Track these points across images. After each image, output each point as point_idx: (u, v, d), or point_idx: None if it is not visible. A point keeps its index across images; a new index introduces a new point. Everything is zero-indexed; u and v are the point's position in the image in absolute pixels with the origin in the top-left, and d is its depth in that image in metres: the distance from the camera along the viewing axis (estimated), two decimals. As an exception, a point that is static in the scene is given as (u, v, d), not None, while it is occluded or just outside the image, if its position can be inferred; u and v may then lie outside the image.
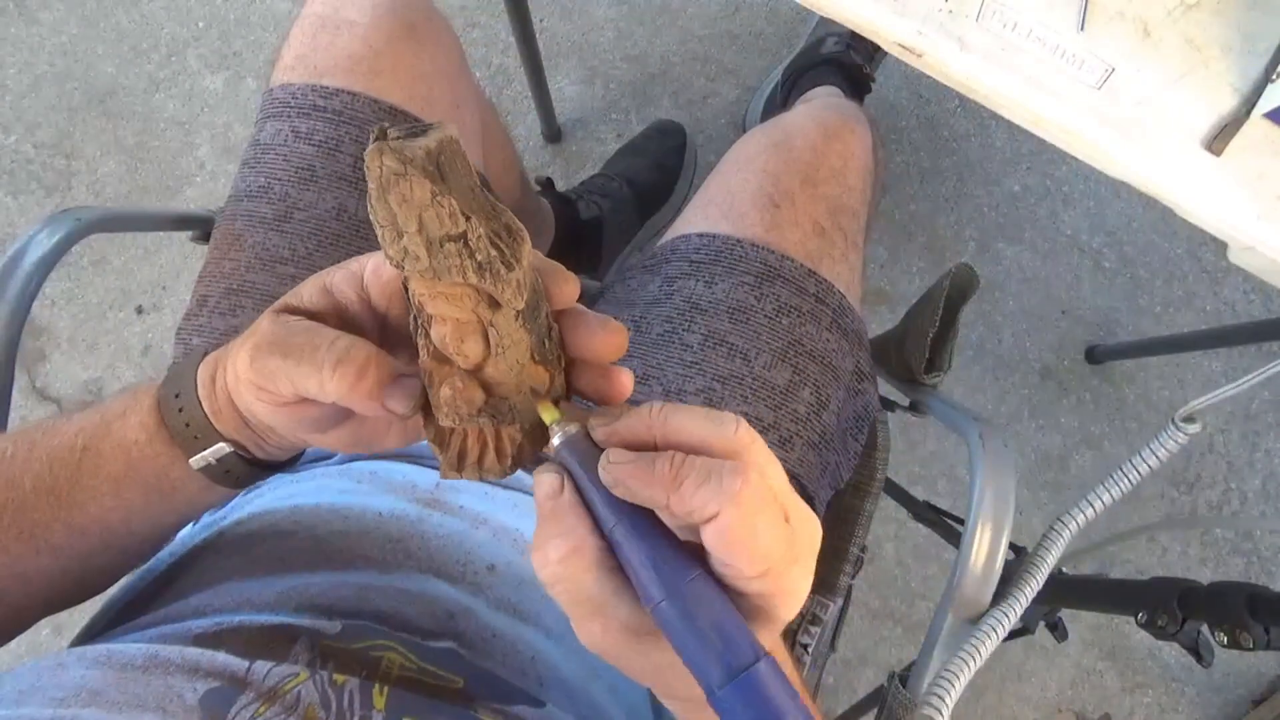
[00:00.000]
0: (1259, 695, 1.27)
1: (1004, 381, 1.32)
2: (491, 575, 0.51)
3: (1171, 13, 0.49)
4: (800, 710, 0.28)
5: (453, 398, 0.33)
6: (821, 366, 0.63)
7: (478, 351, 0.32)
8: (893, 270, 1.33)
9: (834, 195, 0.67)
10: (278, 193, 0.64)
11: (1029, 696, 1.27)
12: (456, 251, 0.29)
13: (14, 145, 1.39)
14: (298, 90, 0.65)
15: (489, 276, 0.30)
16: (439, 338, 0.32)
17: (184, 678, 0.38)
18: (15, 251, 0.63)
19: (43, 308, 1.36)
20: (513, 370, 0.33)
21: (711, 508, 0.28)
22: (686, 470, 0.29)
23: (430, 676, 0.43)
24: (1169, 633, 0.65)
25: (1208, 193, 0.49)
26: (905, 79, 1.35)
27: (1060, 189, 1.34)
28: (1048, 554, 0.54)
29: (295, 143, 0.64)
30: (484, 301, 0.31)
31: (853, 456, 0.68)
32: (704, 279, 0.64)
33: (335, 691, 0.39)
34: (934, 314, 0.67)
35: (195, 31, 1.41)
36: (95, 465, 0.41)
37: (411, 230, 0.28)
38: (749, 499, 0.28)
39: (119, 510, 0.42)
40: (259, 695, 0.37)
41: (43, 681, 0.37)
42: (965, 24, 0.50)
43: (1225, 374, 1.32)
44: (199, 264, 1.36)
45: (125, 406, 0.41)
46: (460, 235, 0.29)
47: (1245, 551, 1.30)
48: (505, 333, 0.32)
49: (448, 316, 0.32)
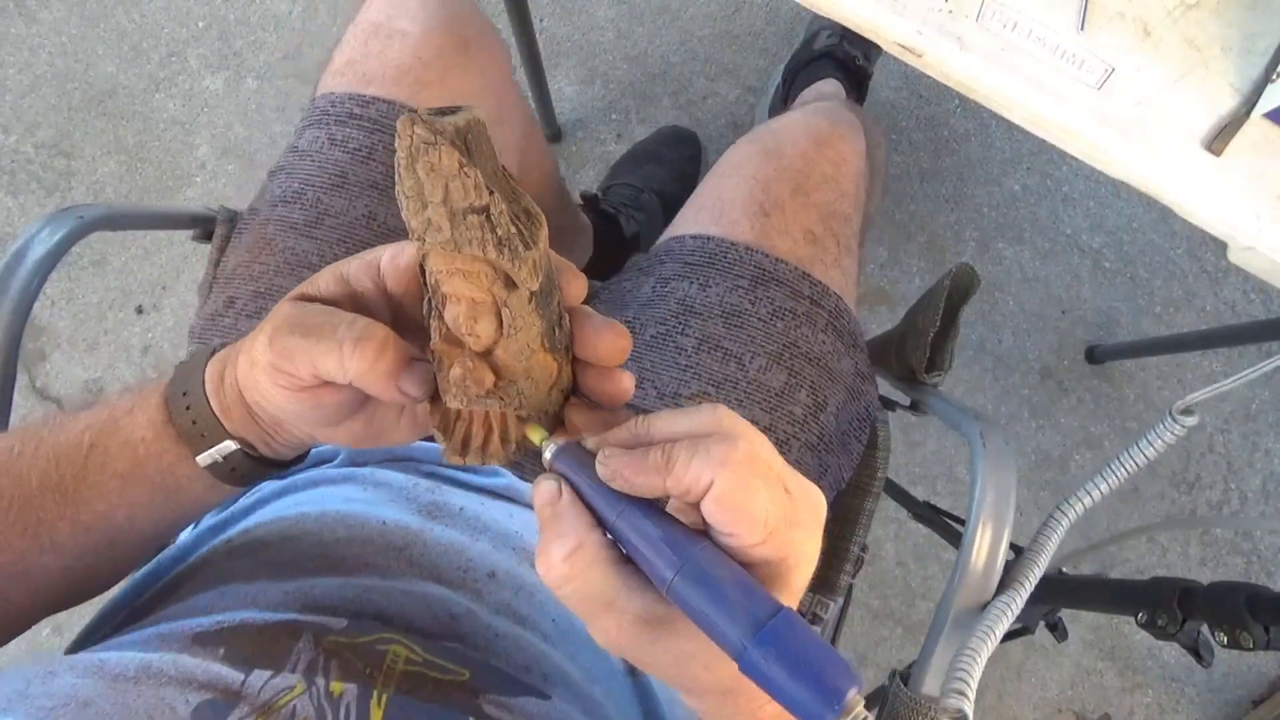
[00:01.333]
0: (1259, 695, 1.27)
1: (1004, 381, 1.32)
2: (492, 581, 0.51)
3: (1171, 13, 0.49)
4: (830, 653, 0.28)
5: (463, 377, 0.33)
6: (818, 369, 0.63)
7: (490, 332, 0.33)
8: (893, 270, 1.33)
9: (826, 202, 0.67)
10: (310, 199, 0.65)
11: (1029, 696, 1.27)
12: (478, 224, 0.29)
13: (14, 145, 1.39)
14: (338, 99, 0.67)
15: (507, 253, 0.30)
16: (453, 318, 0.33)
17: (176, 689, 0.37)
18: (18, 248, 0.63)
19: (43, 308, 1.36)
20: (523, 354, 0.33)
21: (705, 477, 0.29)
22: (676, 451, 0.30)
23: (436, 669, 0.43)
24: (1169, 633, 0.65)
25: (1208, 193, 0.49)
26: (905, 79, 1.35)
27: (1060, 189, 1.34)
28: (1048, 541, 0.54)
29: (330, 149, 0.66)
30: (500, 281, 0.32)
31: (854, 458, 0.68)
32: (698, 281, 0.64)
33: (331, 705, 0.38)
34: (934, 314, 0.67)
35: (195, 31, 1.41)
36: (102, 462, 0.41)
37: (436, 200, 0.29)
38: (739, 462, 0.29)
39: (124, 508, 0.42)
40: (253, 709, 0.37)
41: (32, 689, 0.36)
42: (965, 24, 0.50)
43: (1225, 374, 1.32)
44: (199, 264, 1.37)
45: (133, 404, 0.42)
46: (483, 209, 0.29)
47: (1245, 551, 1.30)
48: (518, 314, 0.32)
49: (463, 295, 0.32)
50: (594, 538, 0.31)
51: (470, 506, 0.55)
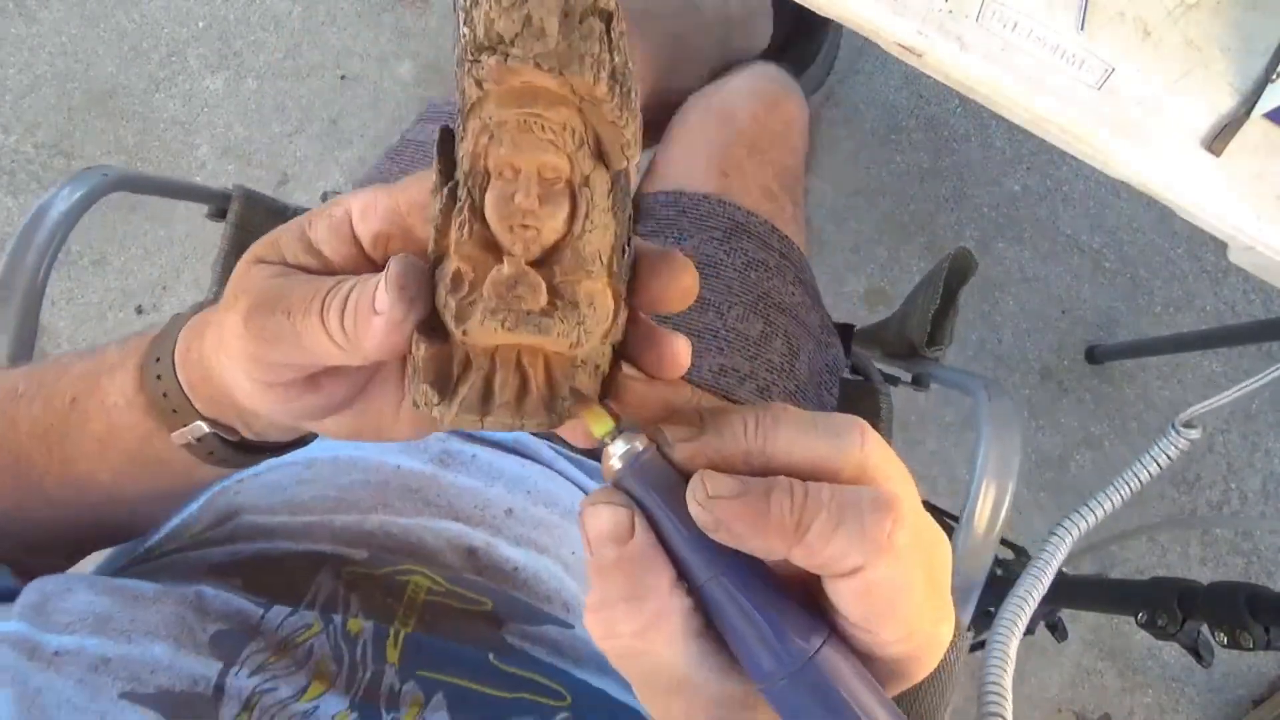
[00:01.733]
0: (1259, 695, 1.27)
1: (1004, 381, 1.32)
2: (509, 518, 0.50)
3: (1171, 13, 0.49)
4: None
5: (512, 282, 0.23)
6: (790, 319, 0.65)
7: (557, 224, 0.24)
8: (892, 270, 1.33)
9: (779, 160, 0.69)
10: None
11: (1029, 696, 1.27)
12: (599, 36, 0.21)
13: (14, 145, 1.39)
14: (453, 100, 0.69)
15: (619, 94, 0.22)
16: (500, 201, 0.23)
17: (195, 614, 0.37)
18: (41, 205, 0.64)
19: (43, 307, 1.36)
20: (590, 267, 0.24)
21: (852, 559, 0.22)
22: (813, 509, 0.22)
23: (458, 599, 0.42)
24: (1169, 633, 0.65)
25: (1208, 193, 0.49)
26: (905, 79, 1.35)
27: (1060, 189, 1.34)
28: (1051, 560, 0.54)
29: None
30: (589, 147, 0.23)
31: (827, 410, 0.70)
32: (673, 236, 0.65)
33: (348, 644, 0.38)
34: (934, 293, 0.68)
35: (195, 31, 1.41)
36: (82, 420, 0.37)
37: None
38: (902, 546, 0.22)
39: (106, 471, 0.38)
40: (270, 645, 0.37)
41: (49, 604, 0.36)
42: (965, 24, 0.50)
43: (1225, 374, 1.32)
44: (199, 264, 1.37)
45: (116, 361, 0.37)
46: (607, 14, 0.22)
47: (1245, 551, 1.30)
48: (597, 206, 0.24)
49: (531, 163, 0.23)
50: (678, 604, 0.23)
51: (482, 455, 0.55)
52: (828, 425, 0.23)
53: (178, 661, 0.35)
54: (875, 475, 0.23)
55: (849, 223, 1.34)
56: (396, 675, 0.38)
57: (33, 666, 0.34)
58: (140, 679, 0.34)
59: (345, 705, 0.36)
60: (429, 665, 0.39)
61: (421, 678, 0.38)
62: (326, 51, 1.40)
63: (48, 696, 0.33)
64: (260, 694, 0.35)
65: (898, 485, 0.23)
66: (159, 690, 0.34)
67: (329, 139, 1.39)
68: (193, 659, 0.35)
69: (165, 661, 0.35)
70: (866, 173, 1.34)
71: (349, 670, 0.37)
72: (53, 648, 0.34)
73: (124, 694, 0.34)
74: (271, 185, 1.38)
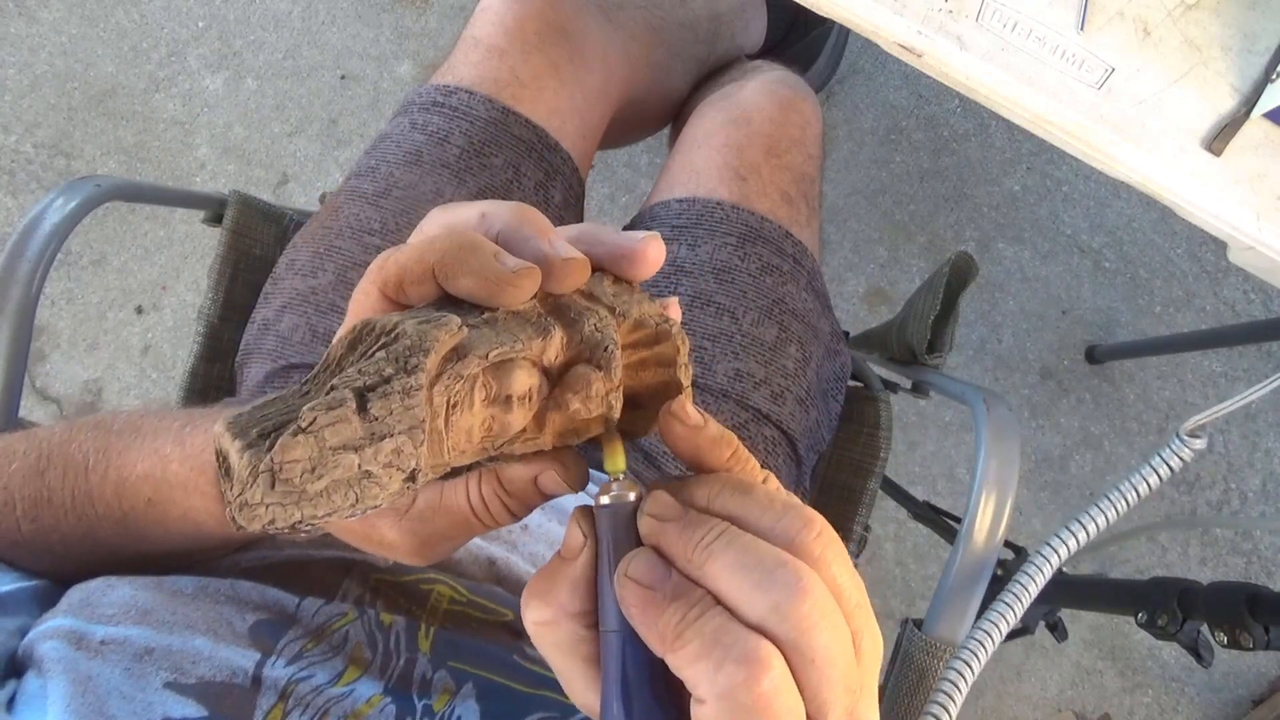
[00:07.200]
0: (1259, 695, 1.27)
1: (1004, 381, 1.32)
2: (525, 534, 0.52)
3: (1171, 13, 0.49)
4: None
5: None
6: (803, 325, 0.65)
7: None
8: (892, 270, 1.33)
9: (796, 164, 0.69)
10: (383, 173, 0.67)
11: (1029, 696, 1.27)
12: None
13: (14, 145, 1.39)
14: (425, 90, 0.70)
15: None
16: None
17: (234, 608, 0.38)
18: (33, 216, 0.63)
19: (42, 307, 1.36)
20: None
21: (702, 691, 0.23)
22: (692, 635, 0.23)
23: (478, 609, 0.43)
24: (1169, 633, 0.65)
25: (1208, 193, 0.49)
26: (905, 79, 1.35)
27: (1060, 189, 1.34)
28: (1046, 565, 0.53)
29: (410, 132, 0.68)
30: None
31: (833, 419, 0.70)
32: (687, 242, 0.65)
33: (382, 633, 0.39)
34: (935, 298, 0.68)
35: (195, 31, 1.41)
36: (163, 521, 0.38)
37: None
38: (746, 708, 0.22)
39: (197, 541, 0.41)
40: (307, 632, 0.38)
41: (93, 599, 0.37)
42: (965, 24, 0.50)
43: (1225, 374, 1.32)
44: (199, 264, 1.37)
45: (186, 476, 0.36)
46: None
47: (1245, 551, 1.30)
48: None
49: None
50: (568, 627, 0.26)
51: None
52: (773, 577, 0.23)
53: (218, 653, 0.36)
54: (800, 646, 0.23)
55: (849, 223, 1.34)
56: (429, 664, 0.39)
57: (81, 655, 0.35)
58: (183, 669, 0.35)
59: (380, 689, 0.37)
60: (458, 658, 0.40)
61: (452, 668, 0.39)
62: (326, 51, 1.40)
63: (100, 684, 0.34)
64: (295, 683, 0.36)
65: (814, 667, 0.23)
66: (200, 681, 0.35)
67: (329, 139, 1.39)
68: (232, 650, 0.36)
69: (206, 653, 0.36)
70: (866, 173, 1.34)
71: (383, 657, 0.39)
72: (99, 637, 0.35)
73: (167, 684, 0.35)
74: (271, 185, 1.38)
